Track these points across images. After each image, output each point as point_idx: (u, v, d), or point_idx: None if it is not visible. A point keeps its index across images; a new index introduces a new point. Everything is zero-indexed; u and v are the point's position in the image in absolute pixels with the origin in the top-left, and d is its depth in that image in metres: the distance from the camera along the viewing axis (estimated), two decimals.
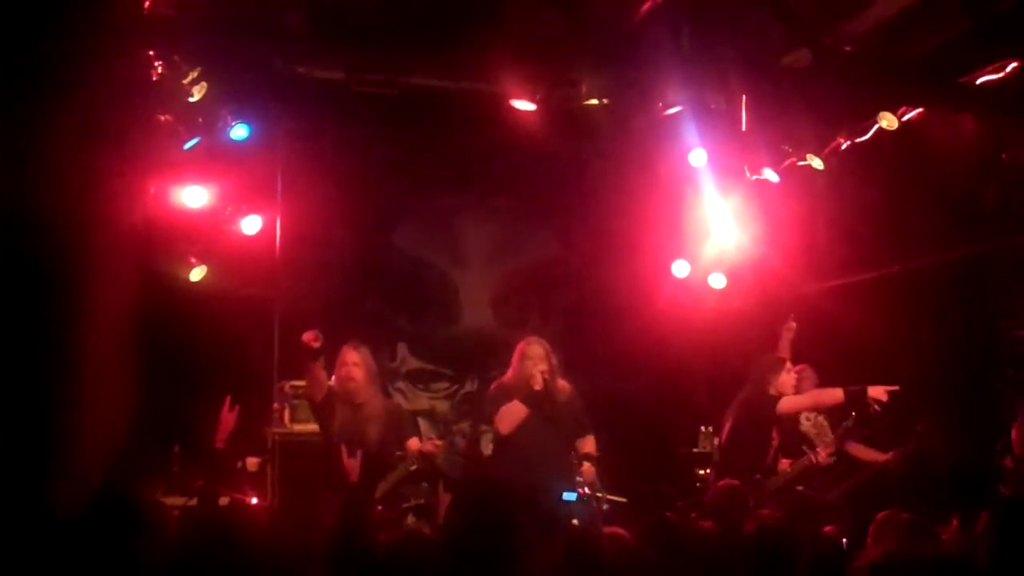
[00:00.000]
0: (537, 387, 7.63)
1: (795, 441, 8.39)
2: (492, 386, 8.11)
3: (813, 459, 8.06)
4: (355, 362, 7.69)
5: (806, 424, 8.64)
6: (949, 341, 9.11)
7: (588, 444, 7.87)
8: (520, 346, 7.93)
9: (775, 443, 8.14)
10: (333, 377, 7.79)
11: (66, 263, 7.29)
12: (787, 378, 8.13)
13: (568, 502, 7.03)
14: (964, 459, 8.83)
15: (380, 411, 7.77)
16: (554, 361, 7.81)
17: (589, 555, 4.37)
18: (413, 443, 7.85)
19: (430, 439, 8.40)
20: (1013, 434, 7.85)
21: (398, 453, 7.86)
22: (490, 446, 9.62)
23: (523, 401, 7.70)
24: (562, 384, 7.88)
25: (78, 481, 6.82)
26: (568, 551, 4.37)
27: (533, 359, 7.74)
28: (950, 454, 8.88)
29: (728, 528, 5.30)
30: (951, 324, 9.16)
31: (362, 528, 5.17)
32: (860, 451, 8.65)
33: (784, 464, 8.17)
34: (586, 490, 7.38)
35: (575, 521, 6.93)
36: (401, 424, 8.01)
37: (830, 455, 8.16)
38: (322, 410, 7.76)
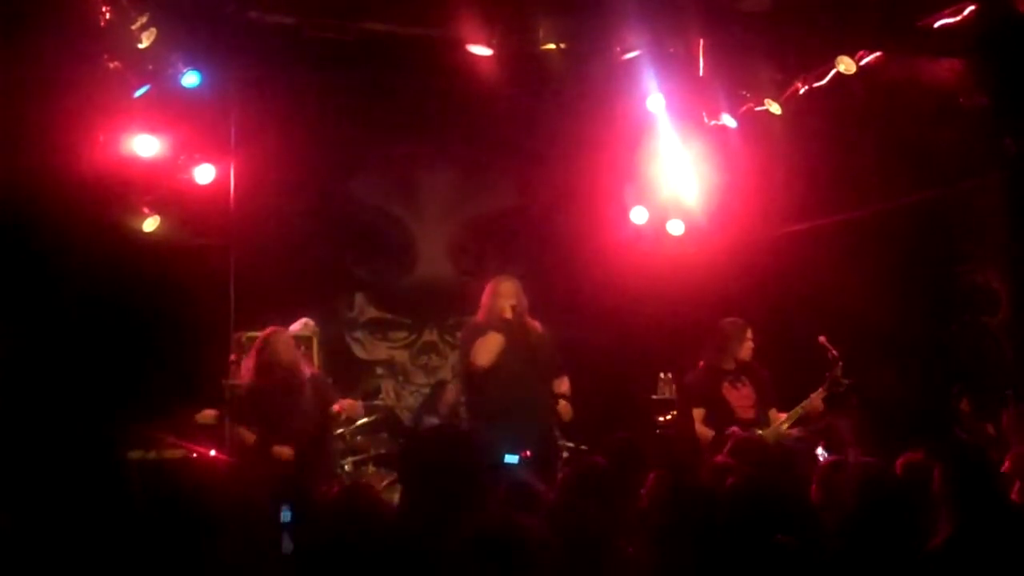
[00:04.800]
0: (508, 316, 7.39)
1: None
2: (464, 327, 7.94)
3: (811, 405, 7.99)
4: (284, 352, 7.89)
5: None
6: (906, 285, 9.14)
7: (564, 384, 7.74)
8: (490, 284, 7.72)
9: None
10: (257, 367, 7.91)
11: (15, 215, 7.17)
12: (748, 346, 8.13)
13: (510, 465, 6.88)
14: (920, 402, 8.89)
15: (307, 379, 7.95)
16: (524, 299, 7.64)
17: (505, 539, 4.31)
18: (337, 405, 7.98)
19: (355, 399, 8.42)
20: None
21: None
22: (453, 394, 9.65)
23: (498, 332, 7.44)
24: (534, 323, 7.73)
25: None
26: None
27: (504, 295, 7.54)
28: (905, 397, 8.95)
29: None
30: (908, 268, 9.19)
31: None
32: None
33: (779, 416, 8.09)
34: (528, 453, 7.16)
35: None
36: (326, 392, 8.07)
37: (824, 399, 8.07)
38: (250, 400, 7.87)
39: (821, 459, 8.21)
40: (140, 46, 7.78)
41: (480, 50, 8.61)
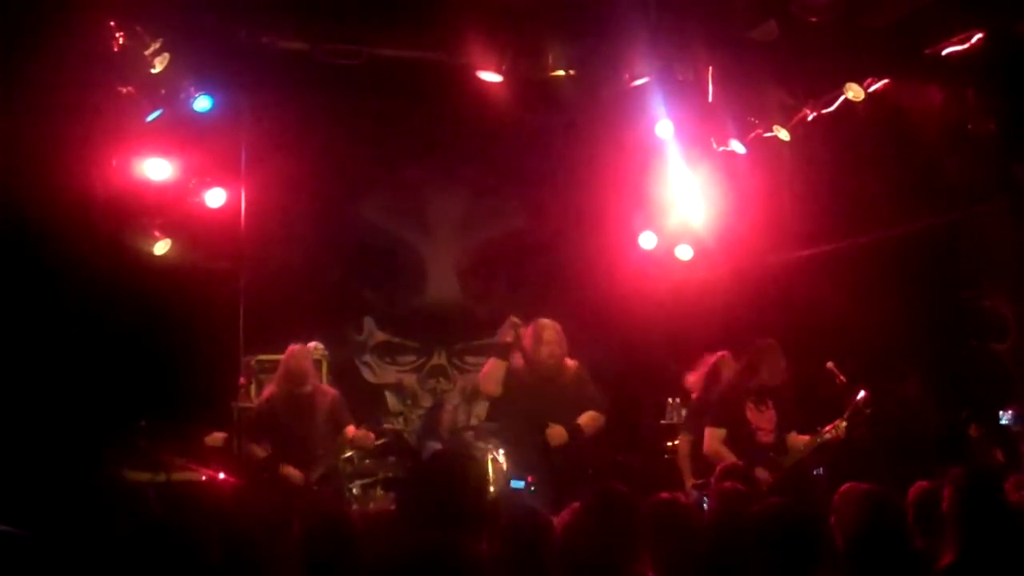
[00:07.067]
0: (548, 371, 7.50)
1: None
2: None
3: (834, 433, 7.81)
4: (305, 369, 8.03)
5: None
6: (913, 311, 9.15)
7: (584, 417, 7.58)
8: (532, 328, 7.59)
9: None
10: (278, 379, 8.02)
11: (27, 237, 7.20)
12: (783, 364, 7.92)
13: (516, 490, 6.88)
14: (929, 427, 8.89)
15: (325, 401, 8.04)
16: (565, 342, 7.63)
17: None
18: (349, 430, 8.02)
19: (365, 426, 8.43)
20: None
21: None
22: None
23: (530, 377, 7.54)
24: (569, 363, 7.70)
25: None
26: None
27: (549, 344, 7.52)
28: (915, 421, 8.94)
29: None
30: (916, 294, 9.19)
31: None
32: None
33: (799, 440, 7.79)
34: (531, 479, 7.12)
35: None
36: (342, 414, 8.12)
37: (846, 428, 7.88)
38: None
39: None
40: (153, 71, 7.85)
41: (490, 76, 8.64)
